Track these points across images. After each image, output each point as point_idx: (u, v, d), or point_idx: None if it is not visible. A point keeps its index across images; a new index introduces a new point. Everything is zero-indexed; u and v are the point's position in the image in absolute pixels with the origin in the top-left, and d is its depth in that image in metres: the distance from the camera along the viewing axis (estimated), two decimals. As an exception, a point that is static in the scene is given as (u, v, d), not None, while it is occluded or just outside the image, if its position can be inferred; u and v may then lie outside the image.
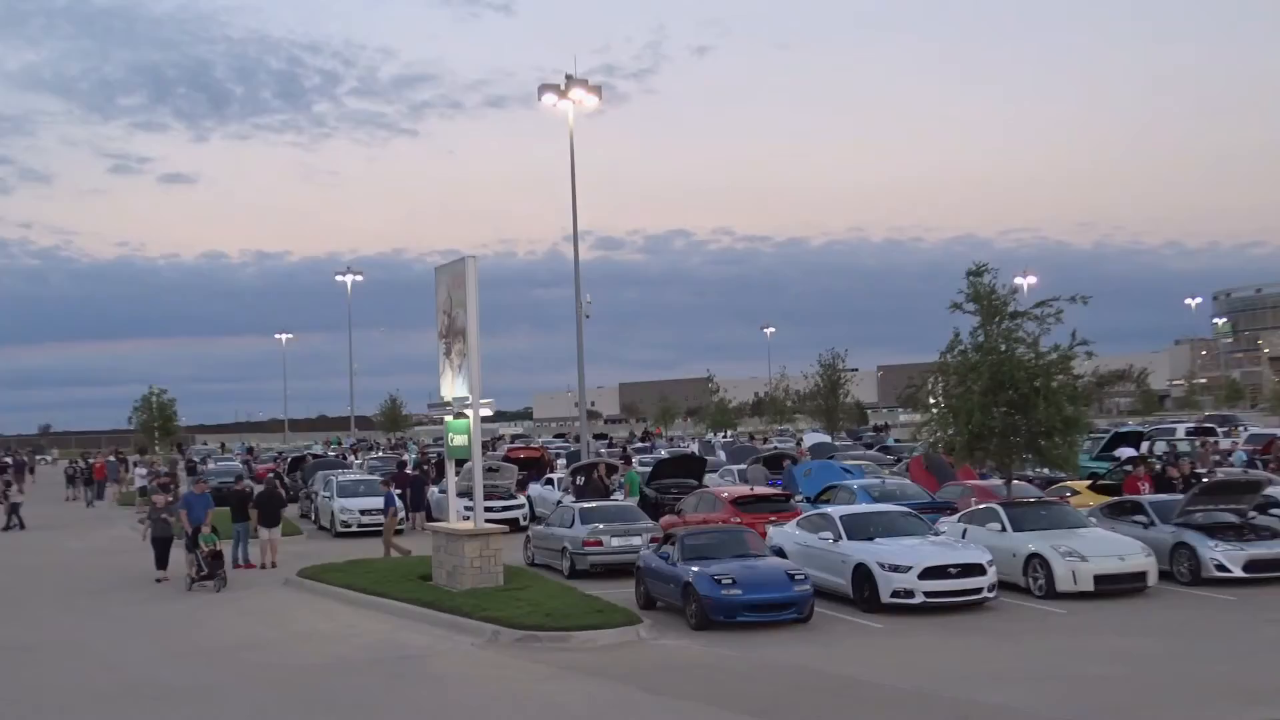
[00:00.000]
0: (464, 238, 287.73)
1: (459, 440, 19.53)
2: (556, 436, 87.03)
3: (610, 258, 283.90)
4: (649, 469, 33.99)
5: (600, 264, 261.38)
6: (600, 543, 21.57)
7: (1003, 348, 20.92)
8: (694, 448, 55.44)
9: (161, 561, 22.71)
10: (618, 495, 29.50)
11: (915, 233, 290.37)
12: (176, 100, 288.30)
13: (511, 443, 65.97)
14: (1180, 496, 20.52)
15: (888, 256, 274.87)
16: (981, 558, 17.17)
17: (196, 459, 62.39)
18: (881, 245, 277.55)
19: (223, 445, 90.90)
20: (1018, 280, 57.06)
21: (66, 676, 14.49)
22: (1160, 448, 35.58)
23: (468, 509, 25.40)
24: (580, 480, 29.54)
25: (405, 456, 48.97)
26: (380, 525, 30.94)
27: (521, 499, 32.12)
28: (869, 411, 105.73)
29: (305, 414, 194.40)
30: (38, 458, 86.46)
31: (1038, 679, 12.64)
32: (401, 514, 31.70)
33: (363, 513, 31.08)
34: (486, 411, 19.39)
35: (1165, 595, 17.69)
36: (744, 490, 25.38)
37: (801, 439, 55.75)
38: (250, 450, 77.64)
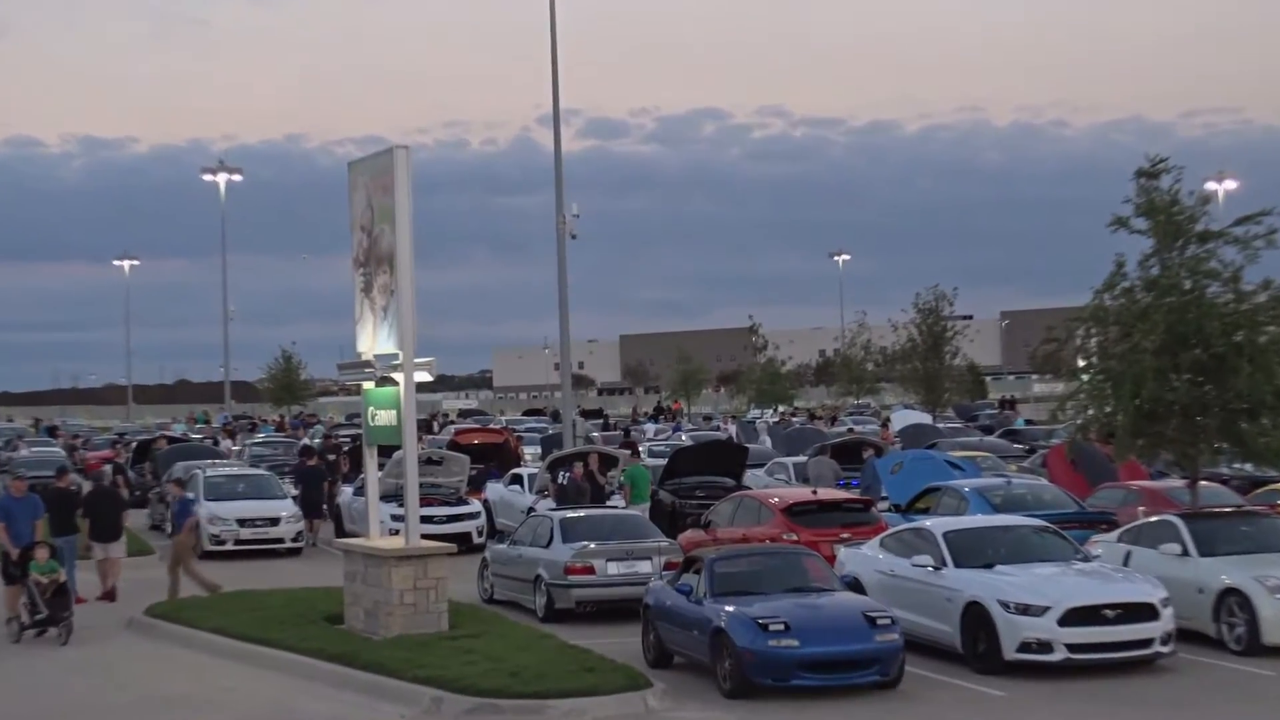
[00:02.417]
0: (391, 119, 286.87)
1: (384, 418, 19.55)
2: (528, 413, 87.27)
3: (608, 150, 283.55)
4: (662, 462, 34.08)
5: (593, 158, 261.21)
6: (591, 569, 21.65)
7: (1188, 285, 20.84)
8: (730, 431, 55.55)
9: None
10: (617, 500, 29.60)
11: (1057, 113, 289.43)
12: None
13: (462, 421, 66.24)
14: None
15: (1018, 148, 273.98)
16: (1152, 595, 17.20)
17: (-5, 444, 62.60)
18: (1009, 132, 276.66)
19: (36, 423, 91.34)
20: (1210, 185, 57.47)
21: None
22: None
23: (396, 519, 25.55)
24: (562, 478, 29.61)
25: (308, 440, 49.10)
26: (266, 540, 31.13)
27: (476, 504, 32.26)
28: (988, 379, 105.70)
29: (159, 378, 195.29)
30: None
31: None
32: (301, 524, 31.87)
33: (243, 523, 31.25)
34: (425, 376, 19.37)
35: None
36: (803, 494, 25.41)
37: (888, 419, 55.80)
38: (53, 431, 77.25)
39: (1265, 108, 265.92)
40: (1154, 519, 20.44)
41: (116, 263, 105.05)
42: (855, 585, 18.78)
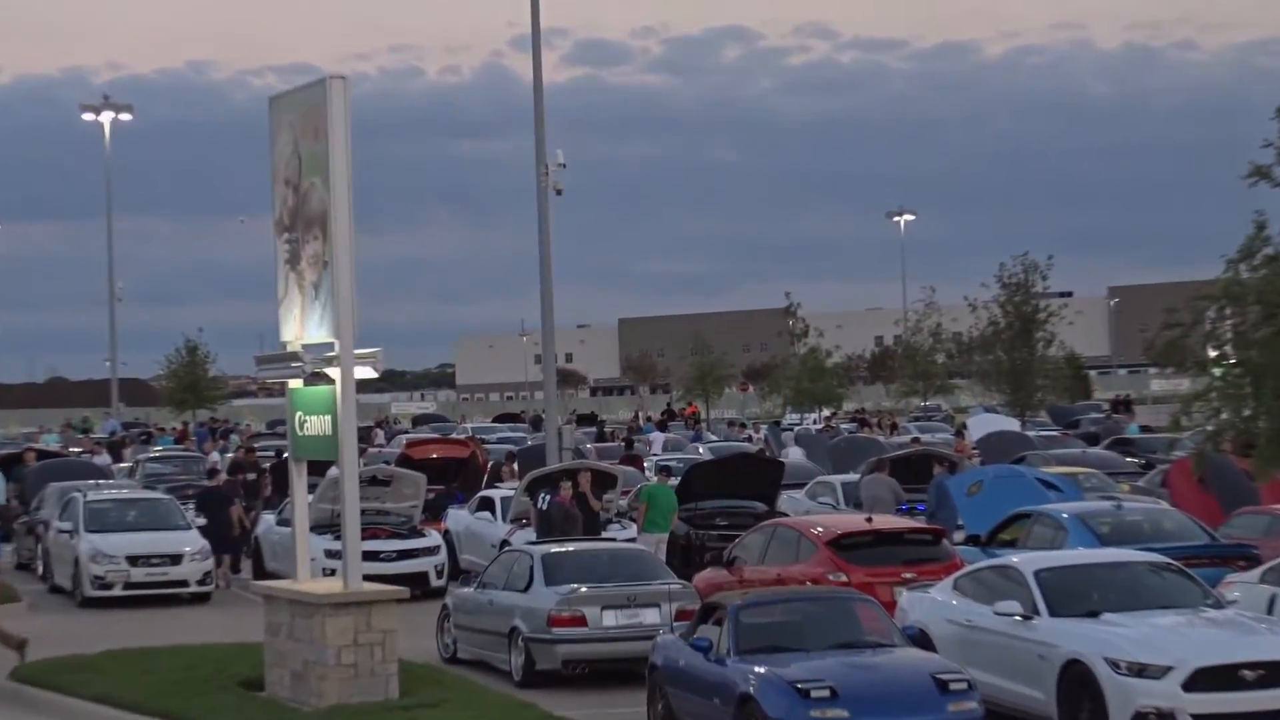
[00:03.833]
0: (324, 44, 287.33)
1: (315, 425, 19.54)
2: (500, 419, 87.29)
3: (603, 80, 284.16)
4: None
5: (584, 90, 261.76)
6: (582, 620, 21.69)
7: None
8: (762, 440, 55.50)
9: None
10: (618, 530, 29.58)
11: (1179, 32, 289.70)
12: None
13: (416, 430, 66.13)
14: None
15: (1129, 78, 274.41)
16: (1303, 651, 17.18)
17: None
18: (1118, 56, 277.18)
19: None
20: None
21: None
22: None
23: (332, 555, 25.50)
24: (544, 502, 29.59)
25: (216, 455, 49.11)
26: (165, 583, 31.05)
27: (434, 536, 32.25)
28: (1093, 374, 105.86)
29: (26, 375, 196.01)
30: None
31: None
32: (209, 562, 31.83)
33: (135, 561, 31.19)
34: (368, 372, 19.36)
35: None
36: (854, 522, 25.40)
37: (964, 425, 55.78)
38: None
39: None
40: (1306, 553, 20.44)
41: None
42: (921, 639, 18.78)
